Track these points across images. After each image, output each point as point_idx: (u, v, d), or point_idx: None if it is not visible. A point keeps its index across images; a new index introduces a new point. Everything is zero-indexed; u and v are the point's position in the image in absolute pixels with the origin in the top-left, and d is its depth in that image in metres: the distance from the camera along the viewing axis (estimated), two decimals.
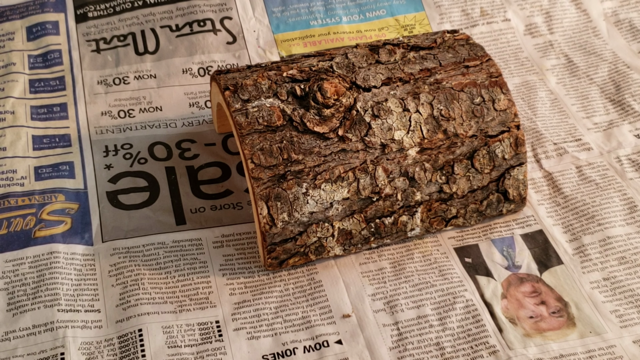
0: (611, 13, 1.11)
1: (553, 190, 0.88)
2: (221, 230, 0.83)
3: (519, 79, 1.02)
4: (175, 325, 0.74)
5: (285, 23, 1.07)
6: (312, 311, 0.76)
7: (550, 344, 0.73)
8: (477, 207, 0.82)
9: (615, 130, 0.95)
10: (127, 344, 0.73)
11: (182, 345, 0.73)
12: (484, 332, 0.74)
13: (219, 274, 0.79)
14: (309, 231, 0.76)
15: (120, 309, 0.76)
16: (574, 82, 1.02)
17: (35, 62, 1.01)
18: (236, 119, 0.77)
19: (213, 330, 0.74)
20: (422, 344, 0.73)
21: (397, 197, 0.78)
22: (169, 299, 0.77)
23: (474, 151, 0.80)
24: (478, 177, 0.80)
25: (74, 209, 0.85)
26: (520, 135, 0.82)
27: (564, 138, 0.94)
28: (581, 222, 0.84)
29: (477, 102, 0.81)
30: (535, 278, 0.79)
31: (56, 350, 0.72)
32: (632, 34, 1.08)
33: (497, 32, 1.08)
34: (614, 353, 0.72)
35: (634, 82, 1.01)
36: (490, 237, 0.83)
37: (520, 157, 0.82)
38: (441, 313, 0.75)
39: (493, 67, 0.83)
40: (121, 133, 0.94)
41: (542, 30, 1.09)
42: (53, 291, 0.77)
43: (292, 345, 0.73)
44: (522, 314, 0.76)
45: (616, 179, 0.89)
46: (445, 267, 0.80)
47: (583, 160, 0.91)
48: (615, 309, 0.76)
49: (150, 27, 1.04)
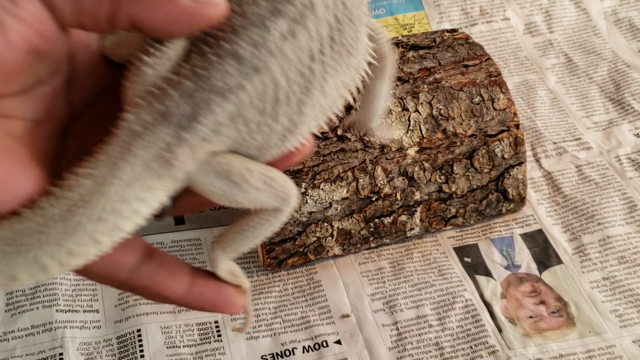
0: (611, 12, 1.11)
1: (552, 189, 0.88)
2: (220, 230, 0.83)
3: (518, 78, 1.02)
4: (174, 326, 0.74)
5: None
6: (311, 311, 0.76)
7: (549, 344, 0.73)
8: (477, 206, 0.82)
9: (614, 129, 0.95)
10: (125, 344, 0.73)
11: (180, 346, 0.73)
12: (484, 332, 0.74)
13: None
14: (308, 231, 0.76)
15: (119, 309, 0.76)
16: (574, 81, 1.02)
17: None
18: None
19: (212, 330, 0.74)
20: (422, 344, 0.73)
21: (397, 196, 0.78)
22: None
23: (474, 151, 0.80)
24: (477, 176, 0.80)
25: None
26: (520, 135, 0.81)
27: (564, 137, 0.94)
28: (581, 221, 0.84)
29: (477, 101, 0.80)
30: (534, 278, 0.79)
31: (55, 350, 0.72)
32: (631, 33, 1.08)
33: (496, 31, 1.08)
34: (614, 353, 0.72)
35: (633, 81, 1.00)
36: (489, 237, 0.83)
37: (520, 156, 0.82)
38: (440, 313, 0.75)
39: (492, 66, 0.83)
40: None
41: (542, 29, 1.09)
42: (52, 291, 0.76)
43: (291, 346, 0.73)
44: (521, 314, 0.76)
45: (616, 178, 0.89)
46: (445, 267, 0.80)
47: (583, 160, 0.91)
48: (615, 308, 0.76)
49: None
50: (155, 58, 0.40)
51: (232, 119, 0.41)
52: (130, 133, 0.40)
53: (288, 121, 0.42)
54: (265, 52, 0.40)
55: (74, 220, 0.38)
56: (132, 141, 0.40)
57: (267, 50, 0.40)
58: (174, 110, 0.40)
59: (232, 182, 0.41)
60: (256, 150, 0.42)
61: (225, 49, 0.40)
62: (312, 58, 0.41)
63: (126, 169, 0.39)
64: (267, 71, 0.40)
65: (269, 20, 0.40)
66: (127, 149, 0.39)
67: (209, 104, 0.40)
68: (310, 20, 0.41)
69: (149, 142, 0.40)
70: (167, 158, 0.40)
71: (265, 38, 0.40)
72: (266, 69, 0.40)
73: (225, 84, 0.40)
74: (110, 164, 0.39)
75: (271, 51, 0.40)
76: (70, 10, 0.39)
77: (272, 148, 0.43)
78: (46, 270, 0.38)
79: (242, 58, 0.40)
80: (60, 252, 0.38)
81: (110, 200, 0.39)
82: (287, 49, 0.40)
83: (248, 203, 0.43)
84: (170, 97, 0.40)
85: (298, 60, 0.41)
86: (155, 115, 0.40)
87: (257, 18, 0.40)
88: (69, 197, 0.38)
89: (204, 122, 0.40)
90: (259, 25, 0.41)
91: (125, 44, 0.44)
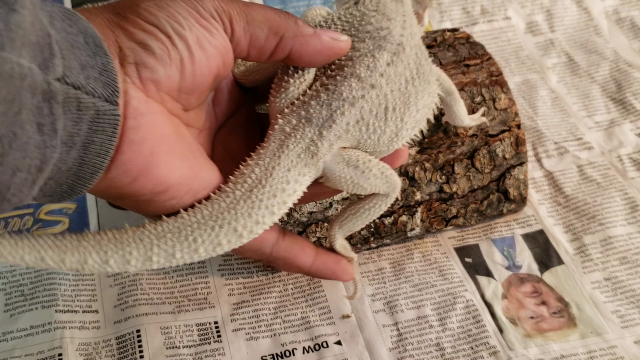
0: (612, 11, 1.11)
1: (554, 189, 0.88)
2: None
3: (519, 78, 1.02)
4: (173, 326, 0.74)
5: None
6: (311, 312, 0.76)
7: (551, 344, 0.73)
8: (478, 206, 0.81)
9: (616, 129, 0.95)
10: (125, 345, 0.72)
11: (180, 346, 0.72)
12: (485, 332, 0.74)
13: (218, 274, 0.79)
14: (308, 231, 0.76)
15: (118, 310, 0.75)
16: (575, 80, 1.02)
17: None
18: None
19: (212, 331, 0.74)
20: (422, 345, 0.73)
21: (397, 196, 0.78)
22: (167, 299, 0.76)
23: (475, 150, 0.80)
24: (478, 176, 0.80)
25: (72, 209, 0.85)
26: (521, 135, 0.81)
27: (565, 137, 0.94)
28: (582, 221, 0.84)
29: (478, 101, 0.80)
30: (535, 278, 0.79)
31: (54, 351, 0.72)
32: (633, 32, 1.07)
33: (497, 30, 1.08)
34: (615, 354, 0.72)
35: (635, 81, 1.00)
36: (490, 237, 0.82)
37: (521, 156, 0.81)
38: (441, 313, 0.75)
39: (494, 66, 0.83)
40: None
41: (543, 29, 1.08)
42: (51, 291, 0.76)
43: (291, 346, 0.73)
44: (522, 315, 0.75)
45: (617, 178, 0.88)
46: (446, 267, 0.79)
47: (584, 160, 0.91)
48: (617, 309, 0.76)
49: None
50: (298, 80, 0.56)
51: (357, 122, 0.55)
52: (284, 133, 0.54)
53: (394, 126, 0.57)
54: (376, 74, 0.56)
55: (256, 198, 0.52)
56: (286, 139, 0.54)
57: (378, 73, 0.56)
58: (316, 115, 0.55)
59: (358, 169, 0.56)
60: (371, 148, 0.57)
61: (347, 72, 0.56)
62: (407, 81, 0.57)
63: (284, 159, 0.53)
64: (379, 87, 0.56)
65: (376, 52, 0.56)
66: (283, 145, 0.54)
67: (342, 110, 0.55)
68: (403, 54, 0.57)
69: (298, 139, 0.54)
70: (312, 150, 0.54)
71: (375, 64, 0.56)
72: (379, 86, 0.56)
73: (352, 96, 0.55)
74: (272, 156, 0.54)
75: (381, 74, 0.56)
76: (246, 44, 0.52)
77: (381, 147, 0.57)
78: (241, 238, 0.51)
79: (361, 78, 0.55)
80: (251, 222, 0.52)
81: (277, 181, 0.53)
82: (391, 73, 0.56)
83: (369, 188, 0.57)
84: (312, 105, 0.55)
85: (398, 82, 0.57)
86: (301, 119, 0.55)
87: (367, 51, 0.56)
88: (246, 181, 0.52)
89: (338, 123, 0.55)
90: (369, 56, 0.56)
91: (256, 72, 0.60)
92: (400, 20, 0.59)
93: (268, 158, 0.53)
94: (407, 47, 0.57)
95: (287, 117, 0.55)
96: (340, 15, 0.59)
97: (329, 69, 0.57)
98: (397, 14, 0.59)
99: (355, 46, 0.57)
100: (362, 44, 0.57)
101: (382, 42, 0.57)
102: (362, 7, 0.59)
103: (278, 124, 0.55)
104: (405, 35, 0.58)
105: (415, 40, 0.60)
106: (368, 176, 0.57)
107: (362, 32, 0.57)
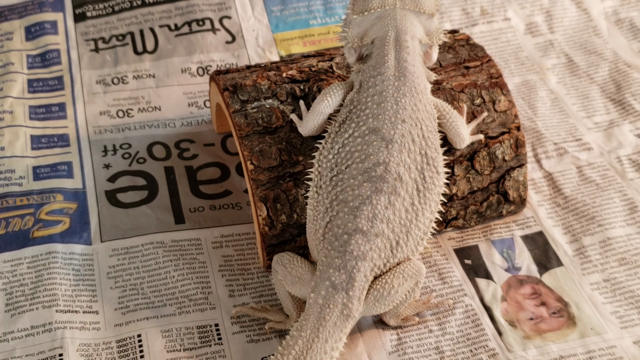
0: (612, 12, 1.11)
1: (553, 190, 0.88)
2: (220, 231, 0.83)
3: (519, 79, 1.02)
4: (174, 329, 0.74)
5: (285, 22, 1.06)
6: None
7: (550, 345, 0.73)
8: (477, 208, 0.81)
9: (615, 130, 0.95)
10: (125, 349, 0.72)
11: (181, 349, 0.72)
12: (484, 335, 0.74)
13: (218, 275, 0.79)
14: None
15: (119, 313, 0.75)
16: (575, 81, 1.02)
17: (34, 62, 1.00)
18: (235, 120, 0.77)
19: (212, 333, 0.74)
20: (422, 348, 0.73)
21: None
22: (168, 300, 0.76)
23: (474, 152, 0.80)
24: (478, 178, 0.80)
25: (73, 209, 0.85)
26: (521, 137, 0.81)
27: (565, 138, 0.94)
28: (581, 223, 0.84)
29: (478, 103, 0.80)
30: (535, 280, 0.79)
31: (54, 351, 0.72)
32: (632, 33, 1.08)
33: (497, 31, 1.08)
34: (614, 354, 0.72)
35: (634, 82, 1.00)
36: (490, 238, 0.83)
37: (521, 158, 0.82)
38: (440, 318, 0.75)
39: (493, 67, 0.83)
40: (120, 133, 0.93)
41: (543, 30, 1.08)
42: (51, 291, 0.76)
43: None
44: (521, 316, 0.75)
45: (616, 179, 0.89)
46: (445, 270, 0.79)
47: (583, 160, 0.91)
48: (616, 310, 0.76)
49: (149, 27, 1.04)
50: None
51: (372, 269, 0.67)
52: (317, 305, 0.66)
53: (407, 250, 0.70)
54: (377, 222, 0.67)
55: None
56: (322, 310, 0.66)
57: (378, 220, 0.67)
58: (337, 281, 0.66)
59: (389, 296, 0.68)
60: (393, 265, 0.69)
61: (351, 228, 0.67)
62: (407, 211, 0.68)
63: (322, 331, 0.65)
64: (382, 234, 0.67)
65: (374, 198, 0.67)
66: (320, 317, 0.65)
67: (357, 267, 0.67)
68: (401, 188, 0.68)
69: (332, 308, 0.66)
70: (346, 313, 0.66)
71: (375, 213, 0.67)
72: (382, 233, 0.67)
73: (361, 252, 0.67)
74: (312, 328, 0.65)
75: (381, 220, 0.67)
76: None
77: (402, 259, 0.70)
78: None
79: (364, 232, 0.67)
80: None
81: (315, 352, 0.65)
82: (389, 215, 0.68)
83: (403, 296, 0.70)
84: (330, 274, 0.66)
85: (399, 217, 0.68)
86: (328, 288, 0.66)
87: (365, 197, 0.68)
88: (291, 353, 0.65)
89: (358, 280, 0.67)
90: (367, 204, 0.67)
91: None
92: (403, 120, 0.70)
93: (309, 330, 0.65)
94: (404, 175, 0.68)
95: (317, 289, 0.67)
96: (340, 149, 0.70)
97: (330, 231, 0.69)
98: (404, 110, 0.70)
99: (355, 192, 0.68)
100: (359, 189, 0.68)
101: (379, 183, 0.68)
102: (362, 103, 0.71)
103: (311, 297, 0.67)
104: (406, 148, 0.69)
105: (422, 113, 0.70)
106: (397, 291, 0.68)
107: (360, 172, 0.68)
